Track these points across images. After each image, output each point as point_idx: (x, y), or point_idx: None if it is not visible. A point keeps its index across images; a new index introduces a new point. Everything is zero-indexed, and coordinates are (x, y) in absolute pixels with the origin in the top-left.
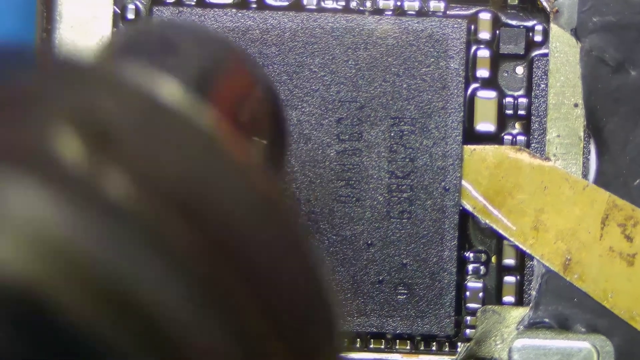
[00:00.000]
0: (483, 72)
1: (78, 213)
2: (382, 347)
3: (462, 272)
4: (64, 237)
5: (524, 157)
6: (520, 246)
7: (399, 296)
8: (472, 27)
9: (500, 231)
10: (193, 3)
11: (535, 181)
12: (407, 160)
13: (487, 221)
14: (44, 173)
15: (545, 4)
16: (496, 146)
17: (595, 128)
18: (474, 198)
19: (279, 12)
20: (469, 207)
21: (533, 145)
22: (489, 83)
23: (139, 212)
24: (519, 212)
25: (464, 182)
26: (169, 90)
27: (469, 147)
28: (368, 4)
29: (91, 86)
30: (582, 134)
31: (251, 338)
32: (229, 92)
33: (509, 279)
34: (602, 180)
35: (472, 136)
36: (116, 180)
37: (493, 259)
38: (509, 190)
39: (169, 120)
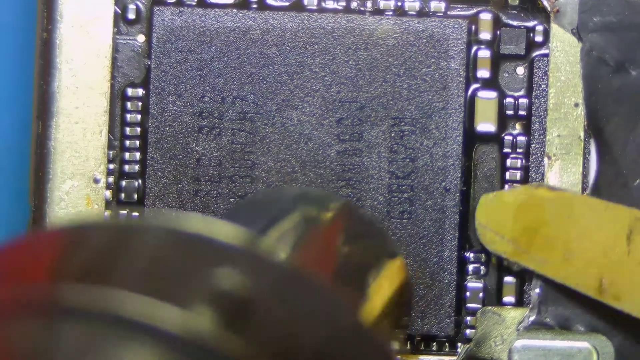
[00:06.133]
0: (484, 73)
1: None
2: None
3: (462, 273)
4: None
5: (543, 192)
6: (554, 279)
7: None
8: (473, 27)
9: (533, 268)
10: (194, 3)
11: (558, 213)
12: (408, 160)
13: (520, 262)
14: (177, 346)
15: (546, 4)
16: (513, 188)
17: (595, 128)
18: (503, 243)
19: (280, 13)
20: (500, 252)
21: (533, 145)
22: (490, 83)
23: None
24: (547, 246)
25: (490, 230)
26: (289, 258)
27: (488, 195)
28: (369, 4)
29: (225, 260)
30: (582, 134)
31: None
32: (323, 249)
33: (509, 279)
34: (603, 180)
35: (472, 136)
36: (246, 353)
37: (493, 259)
38: (535, 228)
39: (297, 291)
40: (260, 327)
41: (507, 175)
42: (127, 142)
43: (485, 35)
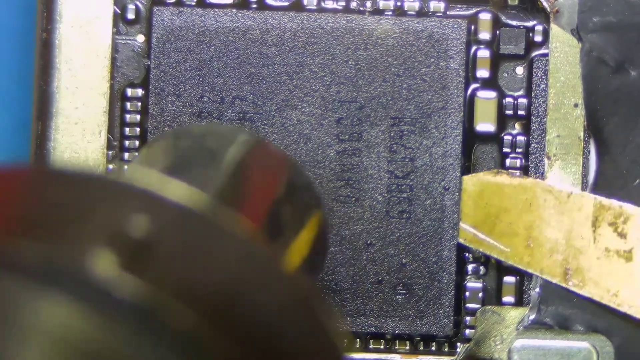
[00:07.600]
0: (483, 73)
1: (106, 325)
2: (382, 347)
3: (461, 272)
4: (92, 349)
5: (503, 179)
6: (518, 266)
7: (398, 296)
8: (472, 27)
9: (495, 256)
10: (193, 3)
11: (519, 200)
12: (407, 160)
13: (481, 249)
14: (76, 290)
15: (545, 4)
16: (472, 175)
17: (595, 128)
18: (463, 230)
19: (279, 12)
20: (460, 240)
21: (533, 145)
22: (489, 83)
23: (170, 322)
24: (509, 233)
25: None
26: (200, 201)
27: None
28: (368, 4)
29: (127, 202)
30: (582, 134)
31: None
32: (259, 196)
33: (509, 279)
34: (602, 180)
35: (472, 136)
36: (149, 293)
37: (492, 259)
38: (496, 215)
39: (202, 232)
40: (159, 267)
41: None
42: (127, 143)
43: (485, 35)
